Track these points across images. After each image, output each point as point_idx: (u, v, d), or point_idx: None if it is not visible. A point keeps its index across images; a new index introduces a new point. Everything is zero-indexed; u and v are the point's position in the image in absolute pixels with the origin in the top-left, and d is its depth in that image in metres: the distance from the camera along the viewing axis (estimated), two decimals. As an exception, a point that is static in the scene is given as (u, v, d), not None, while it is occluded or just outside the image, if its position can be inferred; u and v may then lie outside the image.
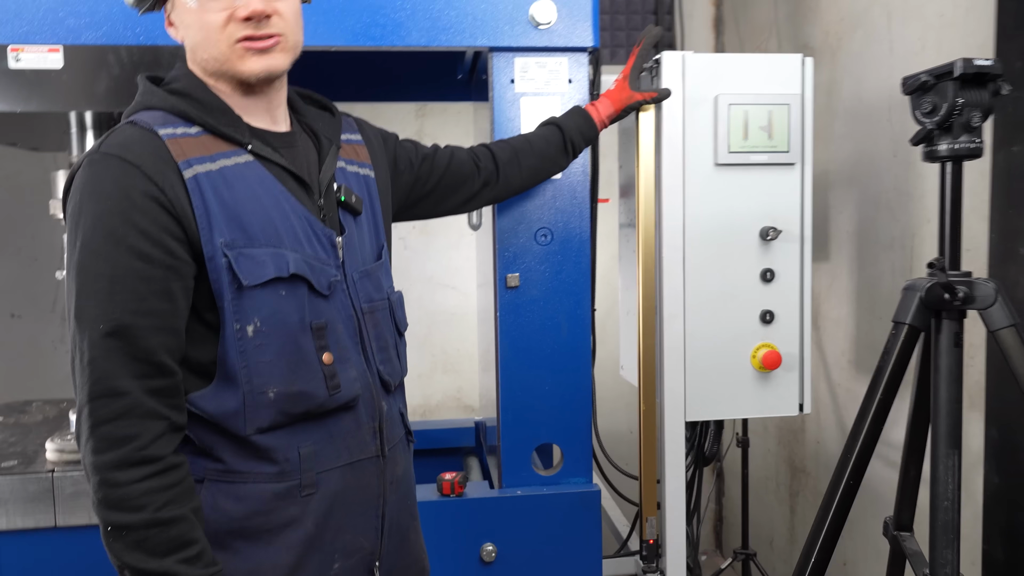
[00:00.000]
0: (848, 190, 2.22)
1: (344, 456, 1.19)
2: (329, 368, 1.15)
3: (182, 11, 1.14)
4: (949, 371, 1.11)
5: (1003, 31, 1.56)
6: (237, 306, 1.09)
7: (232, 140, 1.14)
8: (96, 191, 1.05)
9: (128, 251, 1.03)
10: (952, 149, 1.10)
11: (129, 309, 1.02)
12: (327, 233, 1.19)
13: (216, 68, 1.14)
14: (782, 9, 2.64)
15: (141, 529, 1.02)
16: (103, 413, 1.01)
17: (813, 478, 2.48)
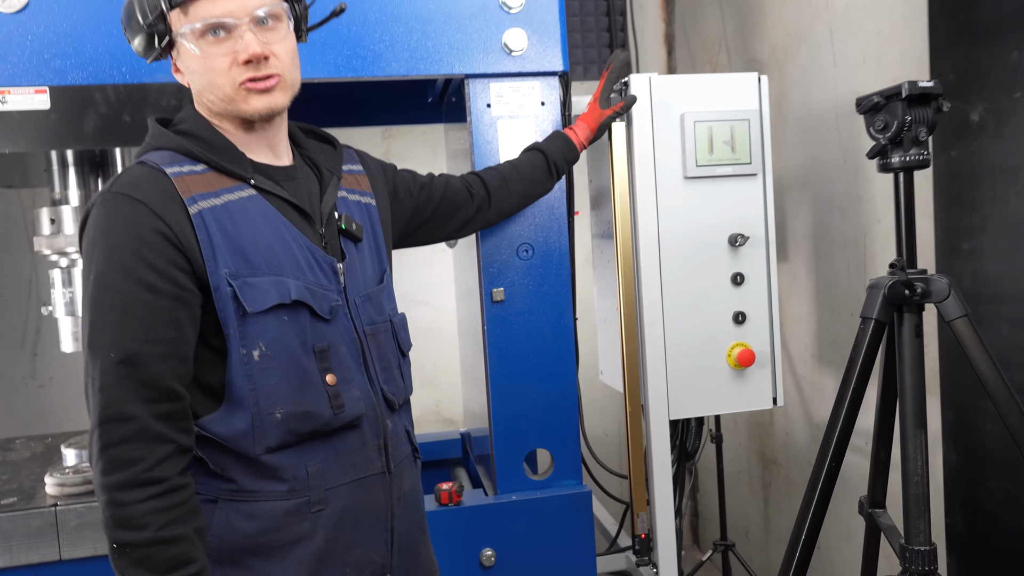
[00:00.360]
0: (802, 194, 2.37)
1: (351, 473, 1.24)
2: (333, 388, 1.20)
3: (187, 58, 1.20)
4: (912, 359, 1.24)
5: (936, 47, 1.72)
6: (243, 332, 1.15)
7: (235, 176, 1.20)
8: (108, 228, 1.11)
9: (137, 283, 1.09)
10: (904, 161, 1.24)
11: (138, 338, 1.08)
12: (328, 260, 1.25)
13: (222, 109, 1.21)
14: (730, 26, 2.79)
15: (144, 547, 1.07)
16: (112, 436, 1.06)
17: (784, 468, 2.61)
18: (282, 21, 1.20)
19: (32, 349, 2.96)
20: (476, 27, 1.79)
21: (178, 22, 1.17)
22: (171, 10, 1.16)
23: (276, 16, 1.19)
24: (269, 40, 1.17)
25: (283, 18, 1.20)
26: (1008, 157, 1.53)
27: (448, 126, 2.46)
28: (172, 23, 1.17)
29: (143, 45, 1.21)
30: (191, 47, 1.17)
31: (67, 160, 1.92)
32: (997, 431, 1.56)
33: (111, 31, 1.64)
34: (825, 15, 2.21)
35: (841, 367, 2.20)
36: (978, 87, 1.60)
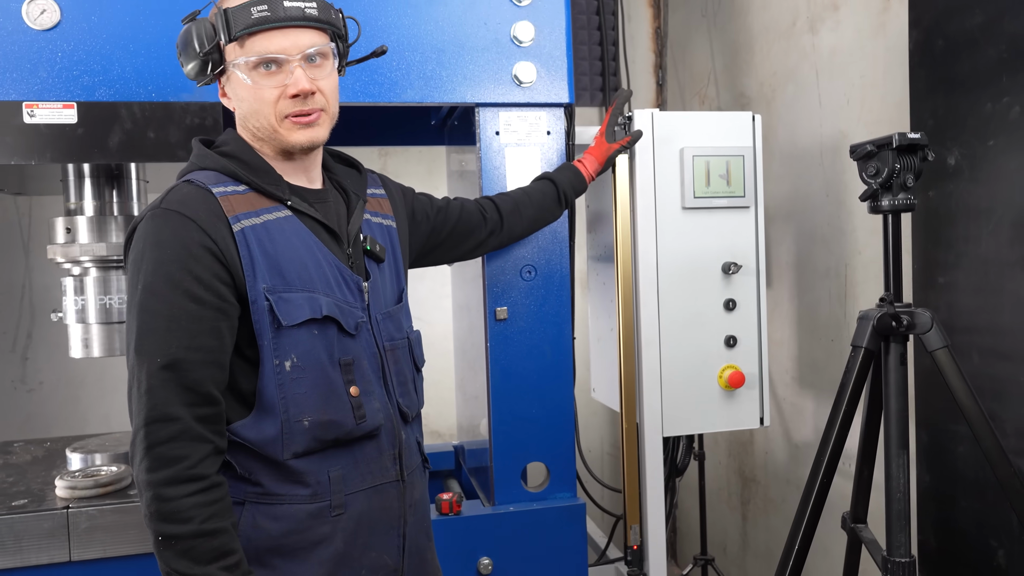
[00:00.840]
0: (786, 225, 2.50)
1: (368, 480, 1.32)
2: (356, 400, 1.28)
3: (237, 86, 1.28)
4: (897, 385, 1.35)
5: (916, 94, 1.85)
6: (276, 343, 1.22)
7: (274, 197, 1.28)
8: (157, 241, 1.18)
9: (184, 294, 1.16)
10: (893, 204, 1.35)
11: (183, 345, 1.16)
12: (355, 279, 1.33)
13: (265, 136, 1.30)
14: (719, 61, 2.93)
15: (189, 539, 1.13)
16: (159, 435, 1.13)
17: (763, 486, 2.72)
18: (328, 59, 1.29)
19: (23, 353, 2.97)
20: (488, 59, 1.88)
21: (233, 53, 1.25)
22: (229, 43, 1.23)
23: (324, 54, 1.28)
24: (316, 76, 1.26)
25: (329, 56, 1.29)
26: (981, 200, 1.65)
27: (450, 148, 2.55)
28: (227, 53, 1.26)
29: (196, 70, 1.28)
30: (243, 77, 1.25)
31: (83, 172, 1.96)
32: (968, 453, 1.68)
33: (138, 51, 1.70)
34: (812, 57, 2.34)
35: (820, 390, 2.33)
36: (955, 133, 1.73)
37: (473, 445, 2.31)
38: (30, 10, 1.64)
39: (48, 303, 2.93)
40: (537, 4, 1.89)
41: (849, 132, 2.18)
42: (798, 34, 2.40)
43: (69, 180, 1.97)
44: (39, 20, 1.64)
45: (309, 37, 1.25)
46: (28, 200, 2.91)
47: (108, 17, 1.68)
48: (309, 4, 1.24)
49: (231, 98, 1.31)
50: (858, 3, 2.13)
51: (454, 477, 2.59)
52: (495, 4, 1.88)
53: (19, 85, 1.65)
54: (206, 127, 1.72)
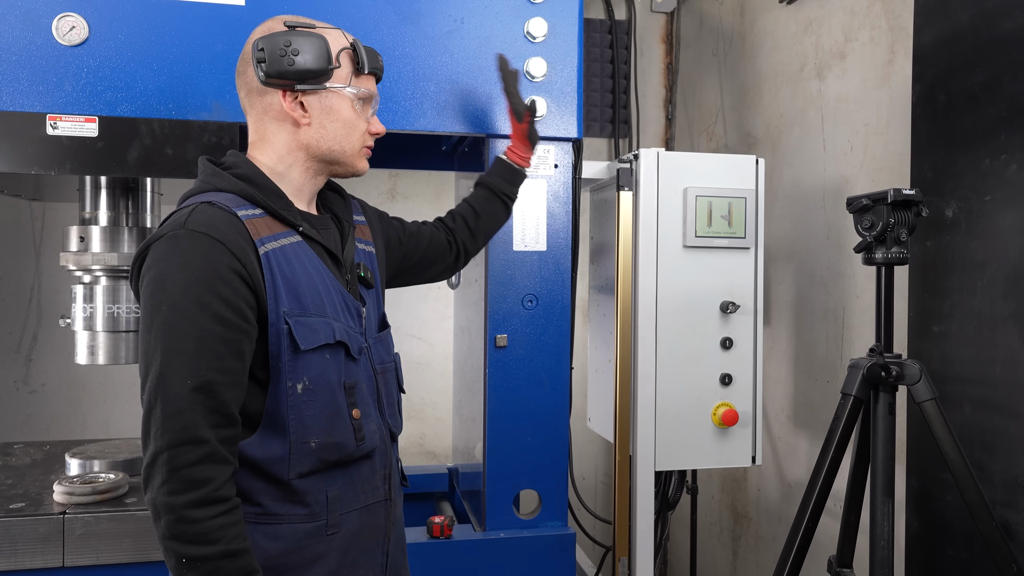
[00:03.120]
0: (787, 265, 2.53)
1: (362, 499, 1.35)
2: (357, 422, 1.32)
3: (332, 108, 1.34)
4: (885, 434, 1.37)
5: (917, 146, 1.88)
6: (292, 367, 1.24)
7: (287, 222, 1.31)
8: (185, 263, 1.18)
9: (213, 317, 1.17)
10: (886, 257, 1.39)
11: (213, 367, 1.16)
12: (355, 304, 1.37)
13: (336, 159, 1.37)
14: (728, 99, 2.98)
15: (216, 560, 1.13)
16: (187, 458, 1.12)
17: (755, 523, 2.73)
18: None
19: (27, 355, 3.00)
20: (501, 92, 1.92)
21: (346, 81, 1.34)
22: (360, 74, 1.35)
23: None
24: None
25: None
26: (977, 253, 1.69)
27: (459, 174, 2.59)
28: (335, 77, 1.32)
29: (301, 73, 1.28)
30: (353, 104, 1.35)
31: (100, 183, 2.01)
32: (956, 503, 1.70)
33: (162, 69, 1.76)
34: (818, 102, 2.39)
35: (814, 430, 2.35)
36: (953, 186, 1.76)
37: (467, 468, 2.33)
38: (60, 26, 1.69)
39: (56, 306, 2.96)
40: (551, 41, 1.95)
41: (851, 178, 2.22)
42: (806, 79, 2.45)
43: (86, 190, 2.01)
44: (68, 36, 1.70)
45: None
46: (42, 205, 2.96)
47: (134, 35, 1.73)
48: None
49: (309, 115, 1.33)
50: (864, 54, 2.18)
51: (447, 500, 2.61)
52: (510, 39, 1.93)
53: (44, 98, 1.70)
54: (223, 146, 1.77)
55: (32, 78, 1.69)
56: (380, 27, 1.86)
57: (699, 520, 2.99)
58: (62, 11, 1.69)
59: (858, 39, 2.20)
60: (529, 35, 1.93)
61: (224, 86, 1.78)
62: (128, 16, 1.73)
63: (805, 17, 2.45)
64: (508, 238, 1.96)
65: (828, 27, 2.34)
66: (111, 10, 1.72)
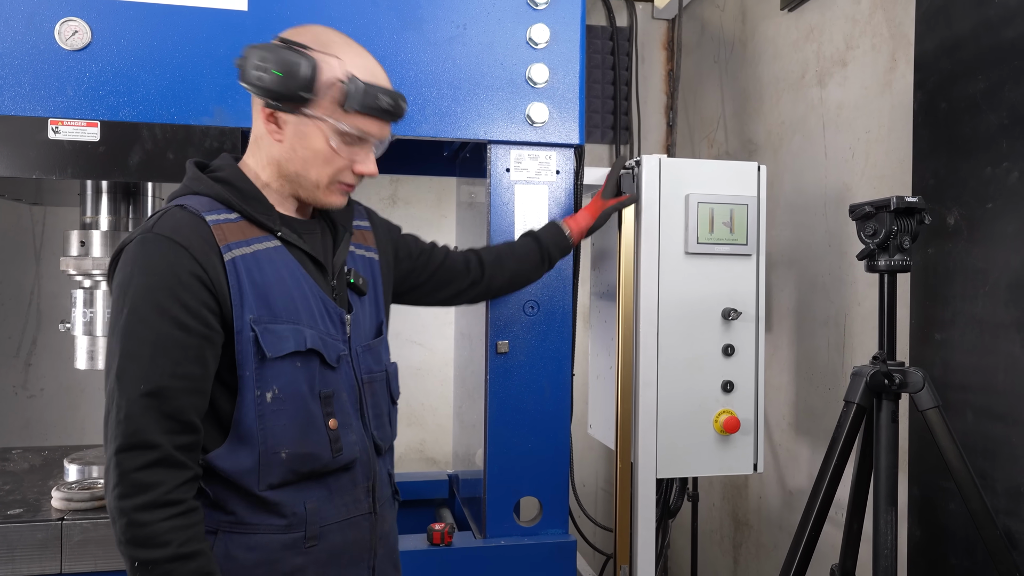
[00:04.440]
0: (788, 272, 2.53)
1: (342, 512, 1.32)
2: (334, 432, 1.29)
3: (307, 134, 1.26)
4: (888, 442, 1.37)
5: (919, 153, 1.88)
6: (259, 374, 1.22)
7: (265, 227, 1.29)
8: (147, 266, 1.18)
9: (171, 322, 1.16)
10: (889, 265, 1.38)
11: (167, 373, 1.15)
12: (338, 311, 1.34)
13: (299, 184, 1.31)
14: (729, 107, 2.98)
15: (166, 563, 1.13)
16: (135, 462, 1.12)
17: (756, 531, 2.72)
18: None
19: (26, 359, 2.99)
20: (503, 98, 1.93)
21: (329, 111, 1.25)
22: (346, 112, 1.25)
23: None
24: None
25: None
26: (978, 260, 1.68)
27: (461, 180, 2.59)
28: (319, 105, 1.24)
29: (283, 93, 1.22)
30: (328, 137, 1.26)
31: (101, 187, 2.01)
32: (958, 511, 1.69)
33: (164, 74, 1.75)
34: (819, 109, 2.39)
35: (816, 438, 2.34)
36: (955, 193, 1.76)
37: (468, 475, 2.32)
38: (63, 30, 1.69)
39: (56, 311, 2.96)
40: (553, 47, 1.95)
41: (853, 185, 2.22)
42: (807, 87, 2.45)
43: (87, 195, 2.01)
44: (70, 40, 1.70)
45: (388, 130, 1.33)
46: (43, 209, 2.95)
47: (137, 40, 1.73)
48: (403, 100, 1.32)
49: (282, 133, 1.28)
50: (866, 61, 2.18)
51: (447, 506, 2.60)
52: (512, 46, 1.93)
53: (46, 102, 1.70)
54: (225, 151, 1.77)
55: (34, 82, 1.69)
56: (383, 33, 1.86)
57: (700, 528, 2.98)
58: (65, 16, 1.69)
59: (859, 46, 2.21)
60: (531, 41, 1.93)
61: (226, 91, 1.78)
62: (131, 21, 1.73)
63: (806, 24, 2.46)
64: (509, 244, 1.96)
65: (829, 34, 2.34)
66: (114, 15, 1.72)
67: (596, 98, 3.43)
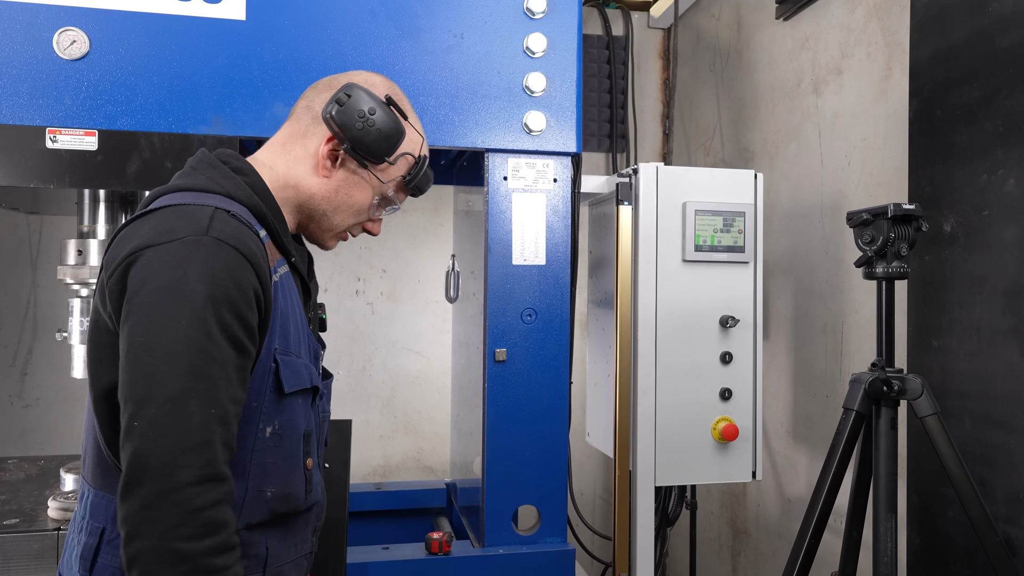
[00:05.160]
0: (785, 279, 2.53)
1: (292, 552, 1.23)
2: (309, 472, 1.22)
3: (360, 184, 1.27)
4: (887, 449, 1.37)
5: (915, 160, 1.89)
6: (269, 409, 1.12)
7: (284, 251, 1.21)
8: (208, 274, 1.02)
9: (232, 341, 1.03)
10: (887, 272, 1.39)
11: (230, 397, 1.02)
12: (315, 346, 1.27)
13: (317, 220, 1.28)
14: (725, 115, 2.99)
15: None
16: (210, 497, 0.97)
17: (754, 539, 2.71)
18: None
19: (23, 369, 2.98)
20: (500, 107, 1.94)
21: (386, 175, 1.28)
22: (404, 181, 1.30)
23: None
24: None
25: None
26: (975, 267, 1.69)
27: (458, 188, 2.60)
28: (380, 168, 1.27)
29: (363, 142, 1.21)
30: (375, 199, 1.29)
31: (98, 196, 2.01)
32: (958, 518, 1.69)
33: (162, 83, 1.76)
34: (815, 117, 2.40)
35: (814, 445, 2.34)
36: (951, 201, 1.77)
37: (466, 484, 2.32)
38: (61, 40, 1.69)
39: (52, 320, 2.95)
40: (550, 56, 1.96)
41: (849, 193, 2.23)
42: (802, 95, 2.47)
43: (84, 203, 2.01)
44: (68, 50, 1.70)
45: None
46: (39, 218, 2.95)
47: (135, 50, 1.74)
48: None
49: (332, 173, 1.25)
50: (861, 69, 2.19)
51: (445, 515, 2.59)
52: (509, 55, 1.94)
53: (44, 111, 1.70)
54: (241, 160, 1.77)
55: (32, 92, 1.69)
56: (380, 42, 1.87)
57: (698, 536, 2.97)
58: (63, 25, 1.69)
59: (854, 55, 2.22)
60: (528, 50, 1.94)
61: (224, 100, 1.78)
62: (129, 30, 1.73)
63: (802, 33, 2.47)
64: (507, 252, 1.96)
65: (825, 43, 2.35)
66: (112, 25, 1.72)
67: (592, 106, 3.44)
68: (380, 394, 3.25)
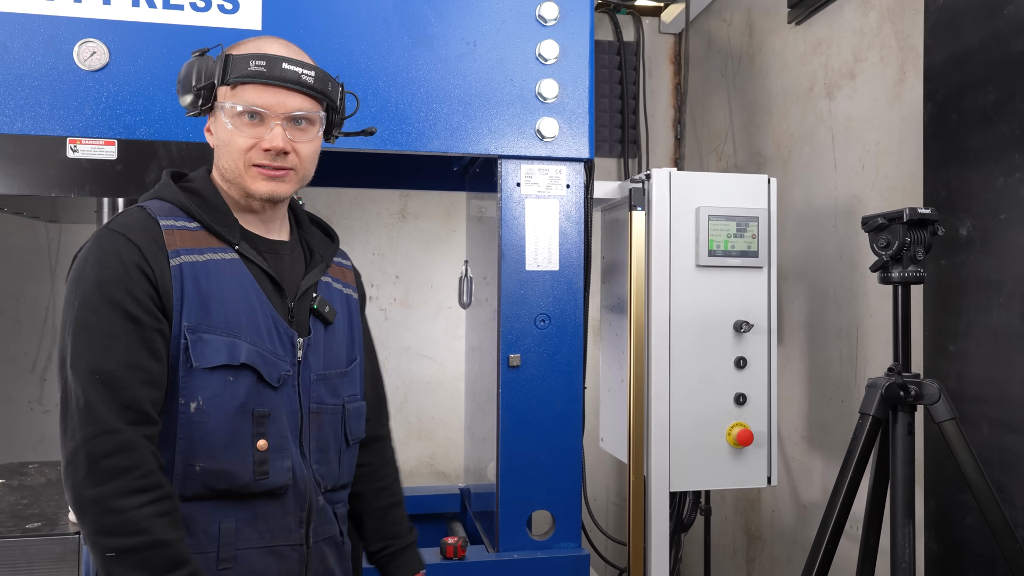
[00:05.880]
0: (799, 284, 2.52)
1: (266, 538, 1.26)
2: (261, 454, 1.24)
3: (219, 126, 1.31)
4: (904, 454, 1.36)
5: (930, 164, 1.89)
6: (185, 383, 1.20)
7: (224, 239, 1.29)
8: (100, 260, 1.19)
9: (123, 314, 1.17)
10: (903, 276, 1.39)
11: (122, 362, 1.15)
12: (289, 332, 1.30)
13: (231, 178, 1.31)
14: (737, 119, 2.99)
15: (142, 551, 1.10)
16: (104, 448, 1.11)
17: (769, 545, 2.70)
18: (315, 125, 1.32)
19: (42, 375, 3.02)
20: (513, 113, 1.94)
21: (223, 96, 1.28)
22: (221, 85, 1.27)
23: (310, 120, 1.31)
24: (296, 138, 1.29)
25: (316, 123, 1.32)
26: (992, 271, 1.68)
27: (471, 194, 2.61)
28: (218, 94, 1.29)
29: (188, 102, 1.31)
30: (225, 121, 1.28)
31: (117, 204, 2.03)
32: (976, 524, 1.68)
33: (180, 93, 1.78)
34: (828, 122, 2.40)
35: (829, 451, 2.33)
36: (967, 205, 1.76)
37: (479, 489, 2.32)
38: (81, 51, 1.72)
39: (70, 327, 2.98)
40: (562, 63, 1.96)
41: (863, 197, 2.22)
42: (815, 99, 2.46)
43: (103, 212, 2.03)
44: (88, 61, 1.73)
45: (298, 101, 1.28)
46: (58, 226, 2.99)
47: (153, 60, 1.76)
48: (307, 72, 1.28)
49: (213, 135, 1.33)
50: (874, 73, 2.19)
51: (459, 520, 2.59)
52: (522, 61, 1.95)
53: (64, 121, 1.72)
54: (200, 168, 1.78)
55: (53, 102, 1.72)
56: (394, 50, 1.88)
57: (713, 542, 2.96)
58: (83, 37, 1.72)
59: (868, 59, 2.22)
60: (541, 57, 1.95)
61: (241, 109, 1.79)
62: (147, 41, 1.75)
63: (814, 38, 2.47)
64: (521, 258, 1.97)
65: (837, 47, 2.35)
66: (131, 36, 1.75)
67: (604, 112, 3.45)
68: (393, 399, 3.24)
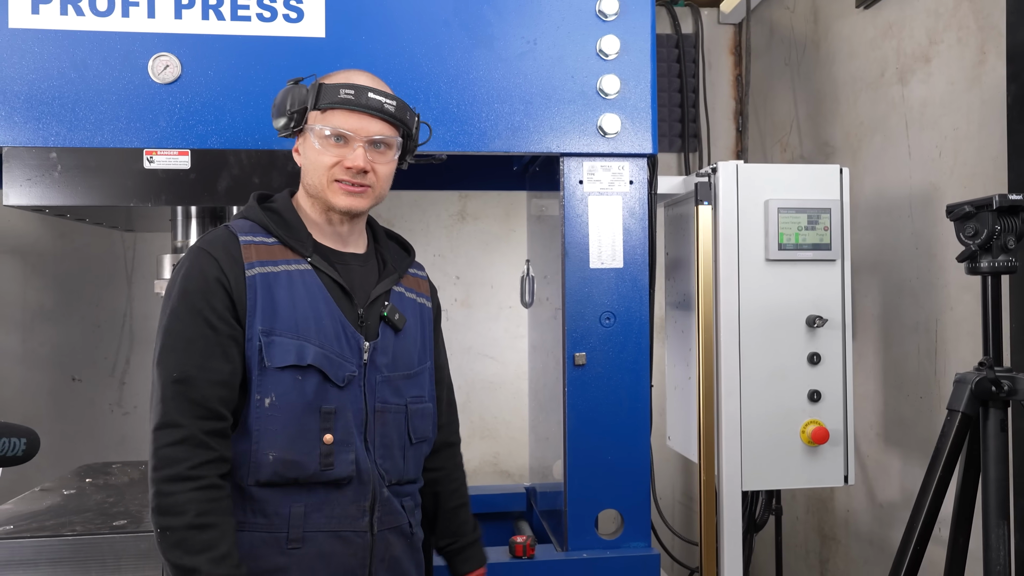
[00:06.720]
0: (872, 277, 2.44)
1: (332, 524, 1.40)
2: (327, 447, 1.38)
3: (307, 146, 1.46)
4: (997, 452, 1.30)
5: (1015, 149, 1.80)
6: (260, 380, 1.35)
7: (298, 252, 1.43)
8: (187, 274, 1.37)
9: (203, 321, 1.33)
10: (992, 266, 1.32)
11: (196, 364, 1.31)
12: (356, 336, 1.43)
13: (315, 193, 1.46)
14: (803, 109, 2.91)
15: (182, 531, 1.26)
16: (165, 439, 1.29)
17: (844, 546, 2.62)
18: (392, 149, 1.46)
19: (121, 378, 3.14)
20: (574, 110, 1.93)
21: (314, 119, 1.43)
22: (313, 109, 1.43)
23: (388, 144, 1.45)
24: (375, 160, 1.44)
25: (394, 147, 1.47)
26: (1086, 259, 1.59)
27: (531, 194, 2.60)
28: (309, 117, 1.44)
29: (282, 124, 1.47)
30: (314, 141, 1.42)
31: (190, 212, 2.10)
32: (1072, 526, 1.59)
33: (248, 103, 1.82)
34: (901, 108, 2.31)
35: (907, 448, 2.25)
36: (1056, 190, 1.67)
37: (546, 488, 2.32)
38: (155, 65, 1.78)
39: (147, 332, 3.10)
40: (623, 58, 1.94)
41: (941, 185, 2.14)
42: (886, 85, 2.38)
43: (177, 220, 2.10)
44: (162, 75, 1.79)
45: (379, 127, 1.43)
46: (133, 235, 3.11)
47: (223, 71, 1.81)
48: (389, 101, 1.43)
49: (300, 155, 1.49)
50: (951, 56, 2.10)
51: (525, 519, 2.59)
52: (583, 58, 1.93)
53: (141, 134, 1.79)
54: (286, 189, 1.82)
55: (130, 116, 1.78)
56: (454, 51, 1.89)
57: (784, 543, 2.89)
58: (157, 51, 1.78)
59: (943, 41, 2.13)
60: (602, 53, 1.93)
61: (307, 116, 1.83)
62: (217, 53, 1.81)
63: (884, 21, 2.38)
64: (584, 256, 1.96)
65: (910, 30, 2.26)
66: (202, 48, 1.80)
67: (663, 106, 3.40)
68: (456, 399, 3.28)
